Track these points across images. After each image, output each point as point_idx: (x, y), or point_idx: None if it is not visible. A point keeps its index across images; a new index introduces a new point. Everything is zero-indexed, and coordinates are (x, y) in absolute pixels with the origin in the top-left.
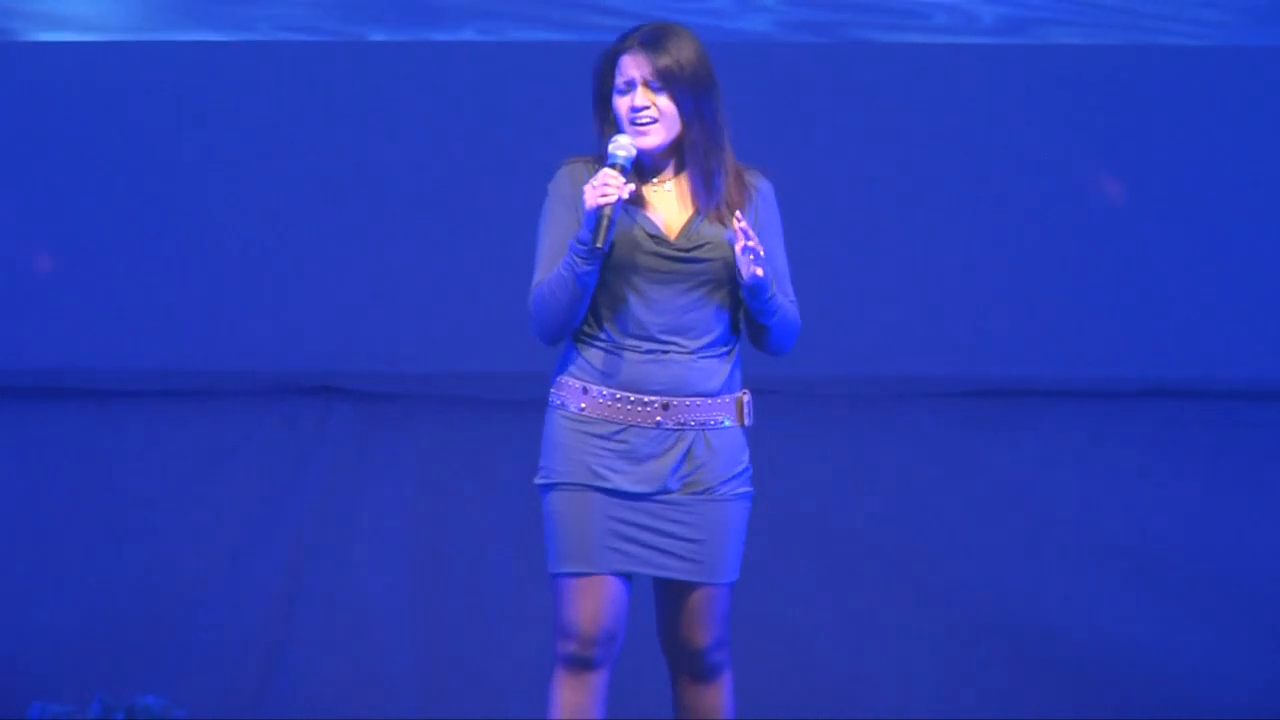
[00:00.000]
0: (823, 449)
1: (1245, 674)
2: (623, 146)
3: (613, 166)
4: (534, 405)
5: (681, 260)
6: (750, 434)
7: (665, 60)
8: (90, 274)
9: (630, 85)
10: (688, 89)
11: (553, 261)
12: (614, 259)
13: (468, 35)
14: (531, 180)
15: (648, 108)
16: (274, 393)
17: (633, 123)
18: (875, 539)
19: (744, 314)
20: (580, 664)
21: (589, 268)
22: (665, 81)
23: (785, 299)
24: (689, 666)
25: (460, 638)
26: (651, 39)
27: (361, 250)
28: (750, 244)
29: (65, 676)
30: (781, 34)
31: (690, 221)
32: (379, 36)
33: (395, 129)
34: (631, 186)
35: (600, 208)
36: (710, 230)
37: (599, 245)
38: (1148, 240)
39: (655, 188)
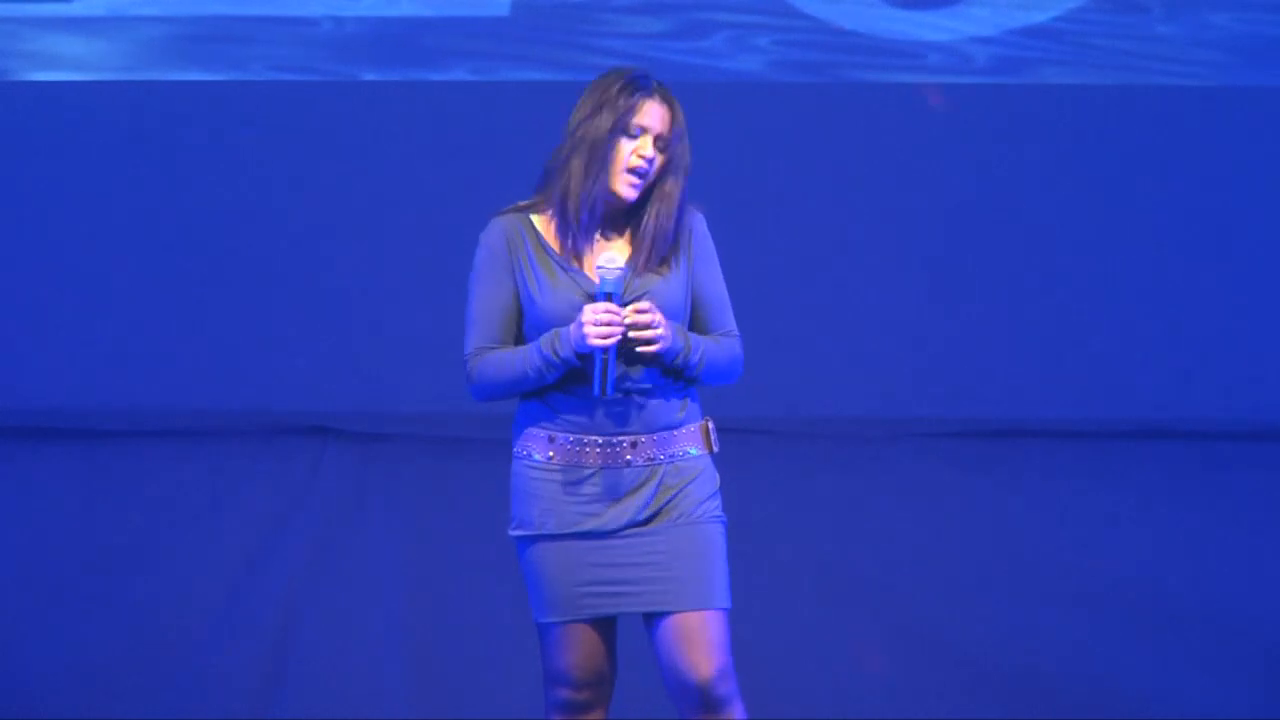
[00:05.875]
0: (812, 489)
1: (1241, 716)
2: (612, 272)
3: (607, 297)
4: None
5: None
6: (740, 474)
7: (677, 121)
8: (84, 314)
9: (641, 132)
10: (681, 152)
11: (489, 323)
12: (554, 320)
13: (460, 75)
14: None
15: (651, 163)
16: (269, 433)
17: (631, 171)
18: (866, 580)
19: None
20: (573, 708)
21: (556, 375)
22: (673, 141)
23: (711, 340)
24: (697, 703)
25: (455, 678)
26: (668, 94)
27: (355, 290)
28: (636, 327)
29: (61, 713)
30: (775, 74)
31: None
32: (371, 76)
33: (387, 169)
34: (630, 319)
35: (601, 349)
36: (643, 280)
37: (604, 395)
38: (1141, 280)
39: (597, 239)
